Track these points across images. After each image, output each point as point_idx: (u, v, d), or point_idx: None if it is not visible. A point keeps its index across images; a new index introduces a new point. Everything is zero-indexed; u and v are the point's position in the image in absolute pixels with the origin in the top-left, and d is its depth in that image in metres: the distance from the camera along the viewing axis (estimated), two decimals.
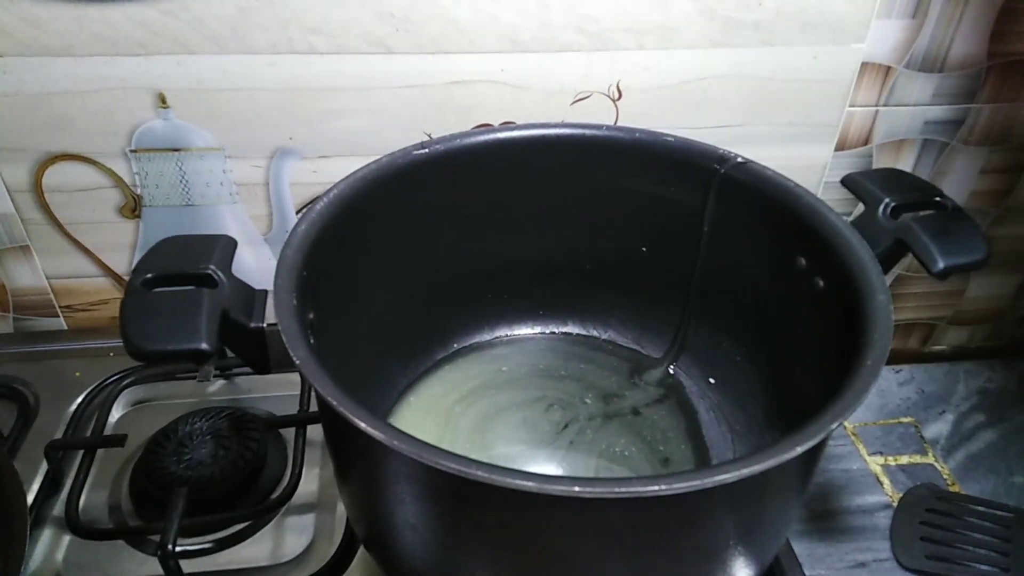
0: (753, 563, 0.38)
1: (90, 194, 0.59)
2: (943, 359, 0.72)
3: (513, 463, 0.49)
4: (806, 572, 0.53)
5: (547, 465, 0.51)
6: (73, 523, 0.50)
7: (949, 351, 0.76)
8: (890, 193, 0.43)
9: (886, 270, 0.41)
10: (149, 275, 0.37)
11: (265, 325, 0.37)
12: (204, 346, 0.33)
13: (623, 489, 0.27)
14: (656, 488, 0.27)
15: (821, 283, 0.42)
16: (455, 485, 0.29)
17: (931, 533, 0.55)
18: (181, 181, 0.60)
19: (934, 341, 0.76)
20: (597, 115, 0.59)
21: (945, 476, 0.62)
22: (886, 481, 0.61)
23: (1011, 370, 0.71)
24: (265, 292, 0.39)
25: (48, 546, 0.50)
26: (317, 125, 0.58)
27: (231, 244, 0.40)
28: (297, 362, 0.33)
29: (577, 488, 0.27)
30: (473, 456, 0.49)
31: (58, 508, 0.52)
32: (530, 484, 0.28)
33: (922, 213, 0.43)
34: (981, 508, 0.57)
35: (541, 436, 0.52)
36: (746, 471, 0.28)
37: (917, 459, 0.63)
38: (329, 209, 0.43)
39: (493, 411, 0.53)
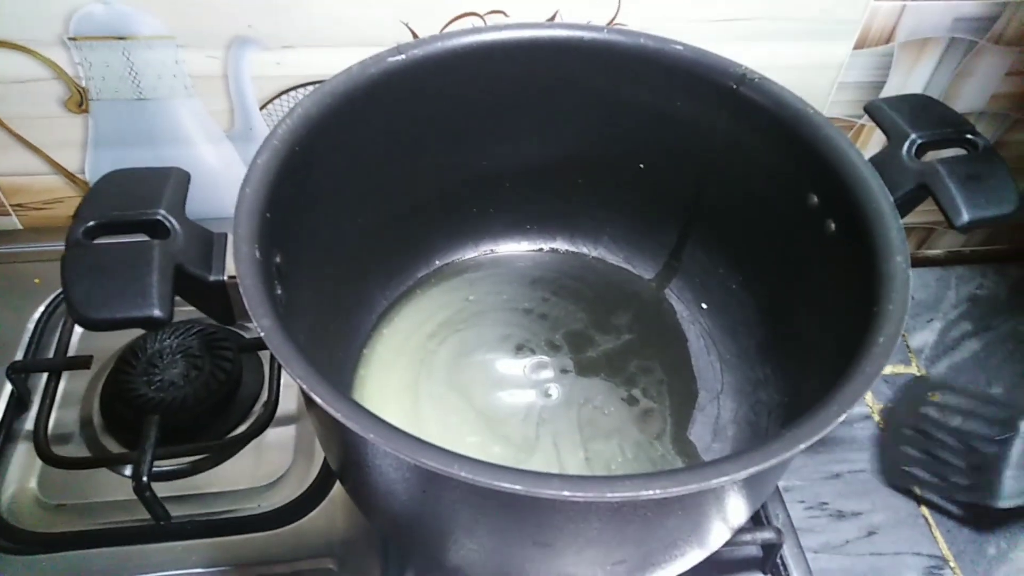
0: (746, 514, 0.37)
1: (28, 86, 0.53)
2: (936, 264, 0.71)
3: (496, 421, 0.47)
4: (780, 483, 0.54)
5: (526, 427, 0.48)
6: (43, 451, 0.47)
7: (944, 256, 0.74)
8: (917, 127, 0.39)
9: (904, 214, 0.37)
10: (91, 223, 0.32)
11: (226, 277, 0.34)
12: (156, 313, 0.30)
13: (615, 494, 0.26)
14: (650, 493, 0.26)
15: (833, 226, 0.39)
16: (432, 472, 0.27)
17: (907, 446, 0.55)
18: (129, 73, 0.53)
19: (929, 245, 0.74)
20: (596, 3, 0.52)
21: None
22: (868, 392, 0.60)
23: (1003, 276, 0.70)
24: (224, 236, 0.35)
25: (23, 468, 0.49)
26: (278, 11, 0.51)
27: (183, 180, 0.35)
28: (262, 333, 0.30)
29: (567, 492, 0.26)
30: (452, 398, 0.47)
31: (28, 425, 0.50)
32: (518, 487, 0.26)
33: (949, 154, 0.39)
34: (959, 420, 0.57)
35: (516, 383, 0.50)
36: (743, 473, 0.26)
37: (901, 369, 0.63)
38: (293, 135, 0.38)
39: (466, 351, 0.50)
